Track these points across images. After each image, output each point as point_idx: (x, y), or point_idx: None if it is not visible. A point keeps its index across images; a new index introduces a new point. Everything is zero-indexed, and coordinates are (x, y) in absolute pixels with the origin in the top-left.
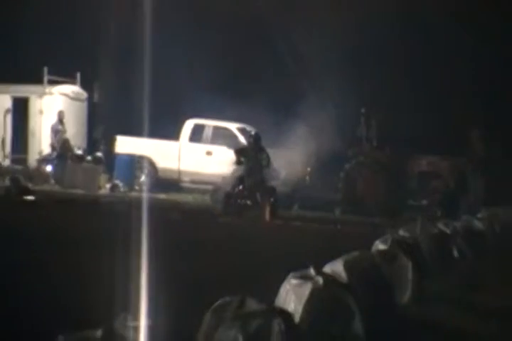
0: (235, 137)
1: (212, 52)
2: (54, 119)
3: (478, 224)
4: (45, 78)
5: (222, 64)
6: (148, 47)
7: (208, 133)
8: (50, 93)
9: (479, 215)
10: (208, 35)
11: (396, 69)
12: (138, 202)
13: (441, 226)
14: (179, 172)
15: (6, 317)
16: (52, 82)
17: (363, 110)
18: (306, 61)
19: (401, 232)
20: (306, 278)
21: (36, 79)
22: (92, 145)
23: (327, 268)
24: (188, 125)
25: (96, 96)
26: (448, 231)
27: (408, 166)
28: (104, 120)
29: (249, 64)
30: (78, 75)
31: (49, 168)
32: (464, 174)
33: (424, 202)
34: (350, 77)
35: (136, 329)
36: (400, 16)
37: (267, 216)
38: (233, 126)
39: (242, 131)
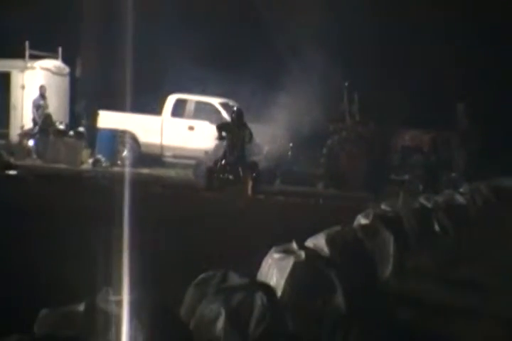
0: (218, 112)
1: (195, 25)
2: (36, 94)
3: (460, 199)
4: (27, 53)
5: (206, 37)
6: (131, 20)
7: (190, 107)
8: (32, 67)
9: (461, 190)
10: (191, 7)
11: (381, 43)
12: (120, 177)
13: (422, 200)
14: (161, 147)
15: None
16: (34, 57)
17: (345, 84)
18: (290, 34)
19: (383, 207)
20: (288, 252)
21: (18, 54)
22: (74, 120)
23: (309, 243)
24: (171, 100)
25: (78, 71)
26: (430, 205)
27: (391, 141)
28: (86, 95)
29: (233, 37)
30: (60, 50)
31: (31, 143)
32: (447, 148)
33: (407, 176)
34: (334, 51)
35: (119, 303)
36: None
37: (249, 190)
38: (216, 101)
39: (225, 106)
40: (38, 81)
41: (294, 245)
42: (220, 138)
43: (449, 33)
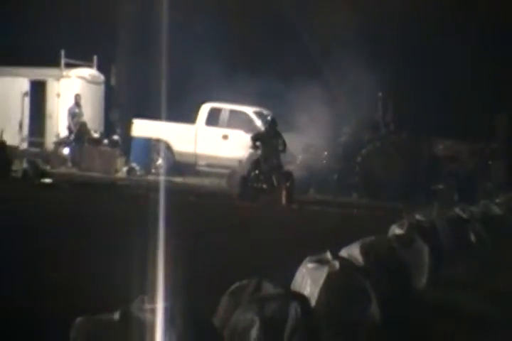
0: (252, 121)
1: (230, 34)
2: (71, 102)
3: (496, 209)
4: (63, 61)
5: (242, 48)
6: (165, 30)
7: (224, 116)
8: (68, 76)
9: (497, 200)
10: (226, 15)
11: (416, 53)
12: (154, 186)
13: (458, 210)
14: (196, 155)
15: (25, 298)
16: (70, 65)
17: (380, 94)
18: (325, 45)
19: (418, 217)
20: (322, 262)
21: (54, 63)
22: (108, 129)
23: (343, 253)
24: (205, 108)
25: (113, 80)
26: (465, 215)
27: (426, 150)
28: (121, 103)
29: (270, 49)
30: (95, 58)
31: (66, 151)
32: (482, 159)
33: (442, 186)
34: (369, 60)
35: (154, 311)
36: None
37: (284, 200)
38: (250, 110)
39: (259, 114)
40: (73, 89)
41: (329, 255)
42: (254, 147)
43: (485, 44)
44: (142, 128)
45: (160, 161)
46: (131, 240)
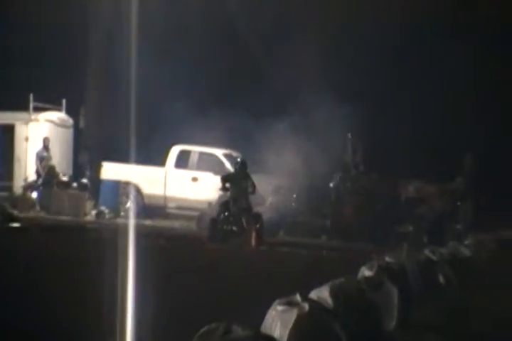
0: (221, 163)
1: (198, 75)
2: (39, 146)
3: (464, 251)
4: (31, 105)
5: (211, 89)
6: (133, 73)
7: (193, 159)
8: (36, 120)
9: (466, 242)
10: (193, 59)
11: (384, 94)
12: (124, 229)
13: (427, 252)
14: (165, 198)
15: None
16: (38, 109)
17: (349, 135)
18: (293, 84)
19: (387, 258)
20: (292, 304)
21: (22, 106)
22: (77, 172)
23: (313, 295)
24: (174, 151)
25: (81, 122)
26: (434, 257)
27: (395, 192)
28: (90, 146)
29: (239, 89)
30: (64, 102)
31: (34, 195)
32: (451, 200)
33: (411, 228)
34: (339, 100)
35: None
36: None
37: (253, 242)
38: (219, 152)
39: (228, 156)
40: (41, 133)
41: (298, 297)
42: (224, 189)
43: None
44: (111, 170)
45: (129, 204)
46: (99, 283)
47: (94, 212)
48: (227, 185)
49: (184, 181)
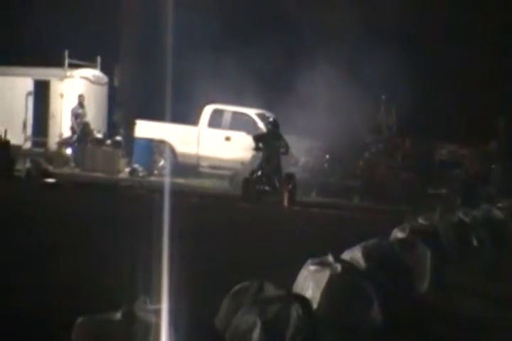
0: (254, 123)
1: (235, 37)
2: (74, 103)
3: (497, 213)
4: (66, 61)
5: (246, 51)
6: (169, 31)
7: (227, 118)
8: (71, 76)
9: (499, 204)
10: (229, 17)
11: (420, 57)
12: (157, 187)
13: (460, 214)
14: (198, 157)
15: (26, 298)
16: (73, 66)
17: (383, 97)
18: (328, 48)
19: (420, 220)
20: (324, 264)
21: (57, 63)
22: (111, 129)
23: (345, 255)
24: (207, 110)
25: (116, 81)
26: (467, 219)
27: (429, 154)
28: (124, 104)
29: (272, 52)
30: (99, 59)
31: (69, 151)
32: (485, 163)
33: (444, 190)
34: (373, 63)
35: (156, 312)
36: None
37: (285, 202)
38: (252, 112)
39: (261, 116)
40: (76, 90)
41: (330, 257)
42: (257, 148)
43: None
44: (145, 129)
45: (162, 162)
46: (133, 240)
47: (127, 170)
48: (260, 144)
49: (217, 140)
